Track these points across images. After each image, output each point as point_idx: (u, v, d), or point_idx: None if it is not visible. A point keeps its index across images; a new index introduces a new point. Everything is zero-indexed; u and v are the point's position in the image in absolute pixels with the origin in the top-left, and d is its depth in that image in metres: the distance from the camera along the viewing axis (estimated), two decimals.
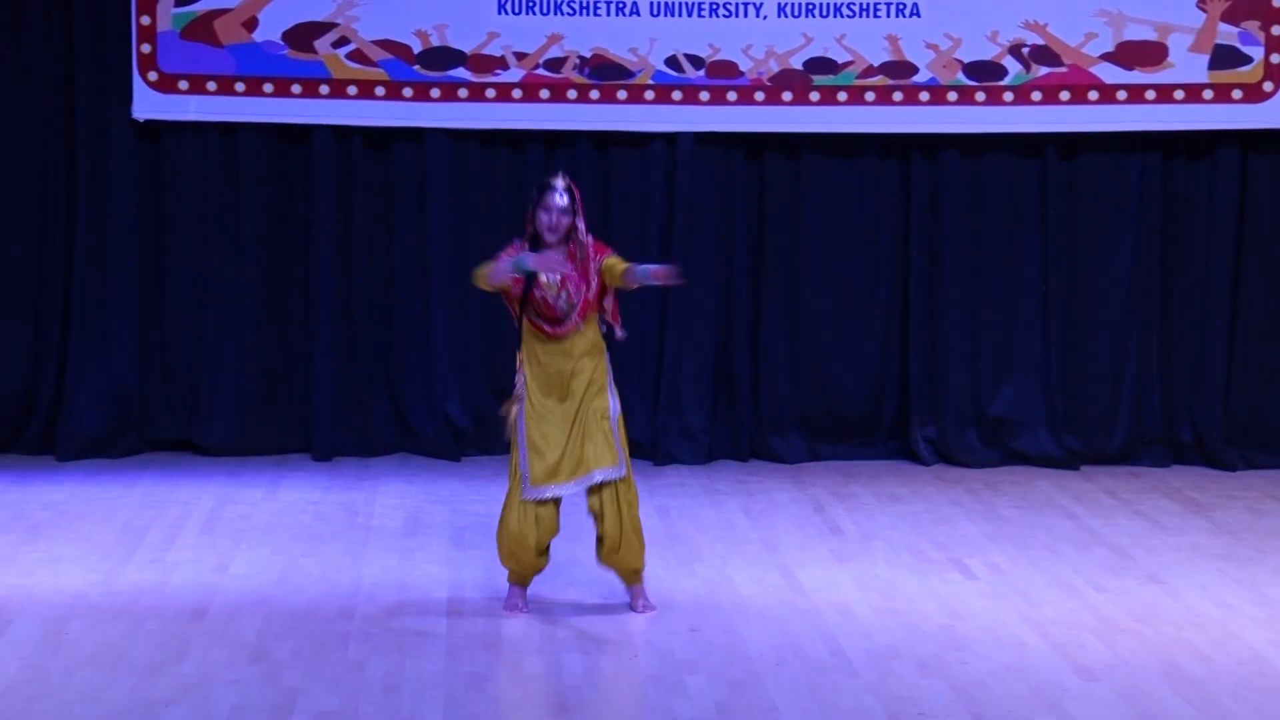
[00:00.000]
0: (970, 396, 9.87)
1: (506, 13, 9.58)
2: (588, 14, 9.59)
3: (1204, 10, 9.62)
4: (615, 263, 6.80)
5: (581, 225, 6.83)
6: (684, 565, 7.64)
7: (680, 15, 9.61)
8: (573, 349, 6.80)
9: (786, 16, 9.62)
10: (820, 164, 9.82)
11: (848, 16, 9.61)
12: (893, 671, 6.23)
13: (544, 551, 6.90)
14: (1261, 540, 8.21)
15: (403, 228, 9.78)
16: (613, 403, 6.87)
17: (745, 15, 9.62)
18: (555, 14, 9.58)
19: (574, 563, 7.62)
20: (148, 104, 9.52)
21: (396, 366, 9.84)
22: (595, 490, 6.81)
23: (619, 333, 6.93)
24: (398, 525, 8.30)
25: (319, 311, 9.69)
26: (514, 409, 6.80)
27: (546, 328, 6.80)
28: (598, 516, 6.85)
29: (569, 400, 6.79)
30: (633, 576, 6.95)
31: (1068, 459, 9.76)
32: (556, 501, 6.83)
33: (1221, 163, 9.78)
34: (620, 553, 6.85)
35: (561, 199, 6.78)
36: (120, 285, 9.64)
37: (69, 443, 9.56)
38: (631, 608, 6.91)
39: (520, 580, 6.93)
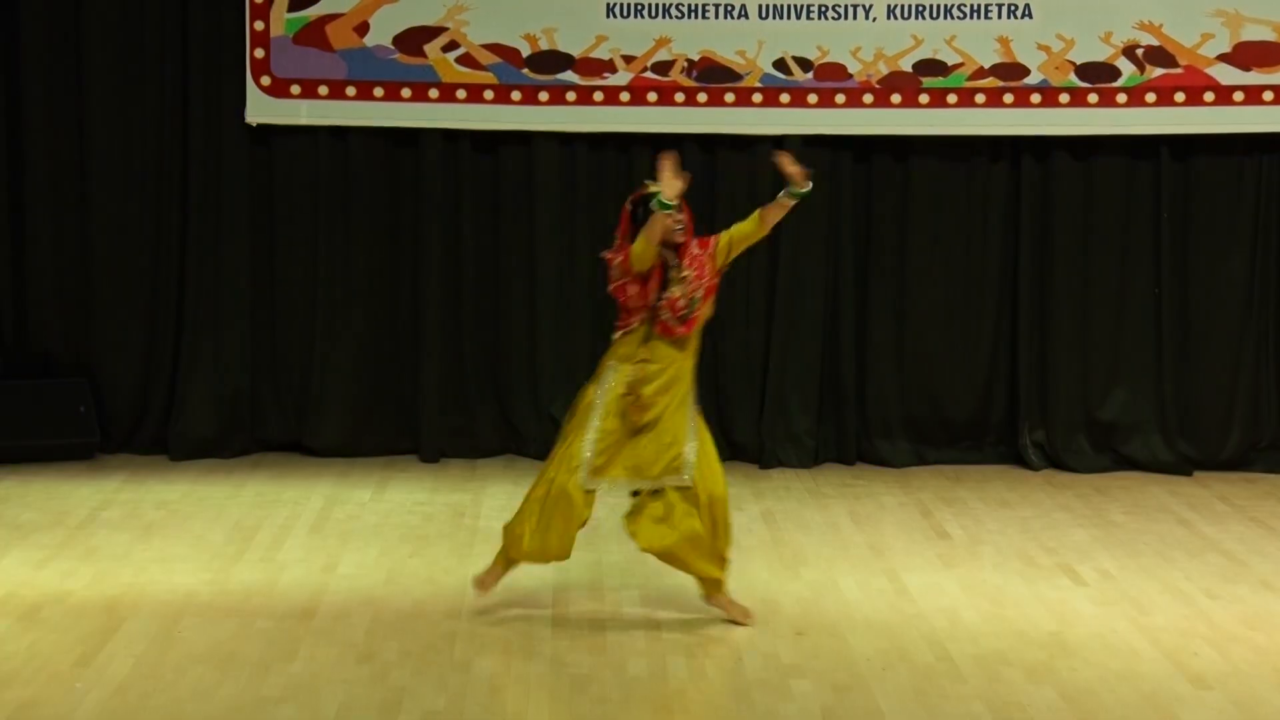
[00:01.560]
0: (1080, 401, 9.77)
1: (615, 16, 9.60)
2: (695, 17, 9.59)
3: None
4: (736, 228, 6.70)
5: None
6: (789, 569, 7.61)
7: (788, 18, 9.58)
8: (688, 348, 6.72)
9: (896, 18, 9.56)
10: (929, 167, 9.75)
11: (958, 18, 9.54)
12: (1000, 678, 6.18)
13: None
14: None
15: (509, 231, 9.82)
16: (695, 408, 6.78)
17: (854, 17, 9.57)
18: (663, 17, 9.59)
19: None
20: (260, 108, 9.62)
21: (502, 369, 9.88)
22: (660, 493, 6.68)
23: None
24: None
25: (426, 314, 9.76)
26: (633, 397, 6.69)
27: (678, 327, 6.66)
28: (651, 513, 6.69)
29: (666, 395, 6.67)
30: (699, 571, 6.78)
31: (1180, 464, 9.63)
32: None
33: None
34: (665, 551, 6.70)
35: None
36: (232, 287, 9.76)
37: (181, 443, 9.69)
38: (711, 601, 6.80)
39: (525, 561, 6.79)
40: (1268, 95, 9.51)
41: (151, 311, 9.81)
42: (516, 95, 9.63)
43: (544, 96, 9.62)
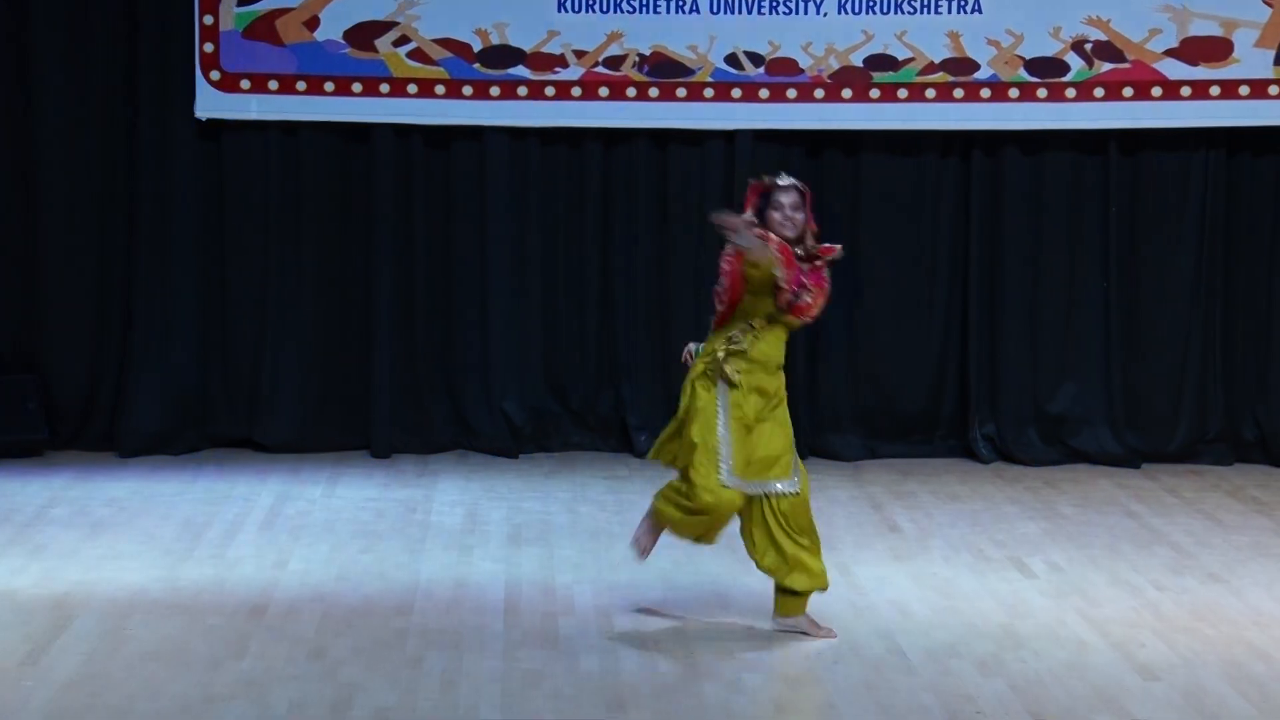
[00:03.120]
0: (1030, 394, 9.82)
1: (566, 11, 9.59)
2: (647, 12, 9.59)
3: (1270, 5, 9.53)
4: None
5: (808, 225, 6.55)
6: (742, 563, 7.62)
7: (740, 12, 9.59)
8: (784, 345, 6.60)
9: (847, 13, 9.59)
10: (880, 162, 9.78)
11: (908, 13, 9.57)
12: (951, 670, 6.20)
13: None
14: None
15: (462, 226, 9.81)
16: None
17: (805, 12, 9.59)
18: (615, 12, 9.59)
19: (630, 559, 7.63)
20: (210, 103, 9.58)
21: (455, 364, 9.87)
22: (769, 499, 6.50)
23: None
24: (456, 522, 8.33)
25: (378, 309, 9.74)
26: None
27: (797, 319, 6.51)
28: (761, 526, 6.52)
29: (770, 399, 6.54)
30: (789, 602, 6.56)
31: (1129, 457, 9.70)
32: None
33: None
34: (777, 568, 6.53)
35: (793, 194, 6.51)
36: (181, 283, 9.71)
37: (130, 439, 9.64)
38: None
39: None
40: (1215, 90, 9.57)
41: (100, 307, 9.76)
42: (468, 90, 9.61)
43: (495, 91, 9.61)
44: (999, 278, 9.81)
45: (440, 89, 9.61)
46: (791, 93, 9.62)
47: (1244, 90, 9.57)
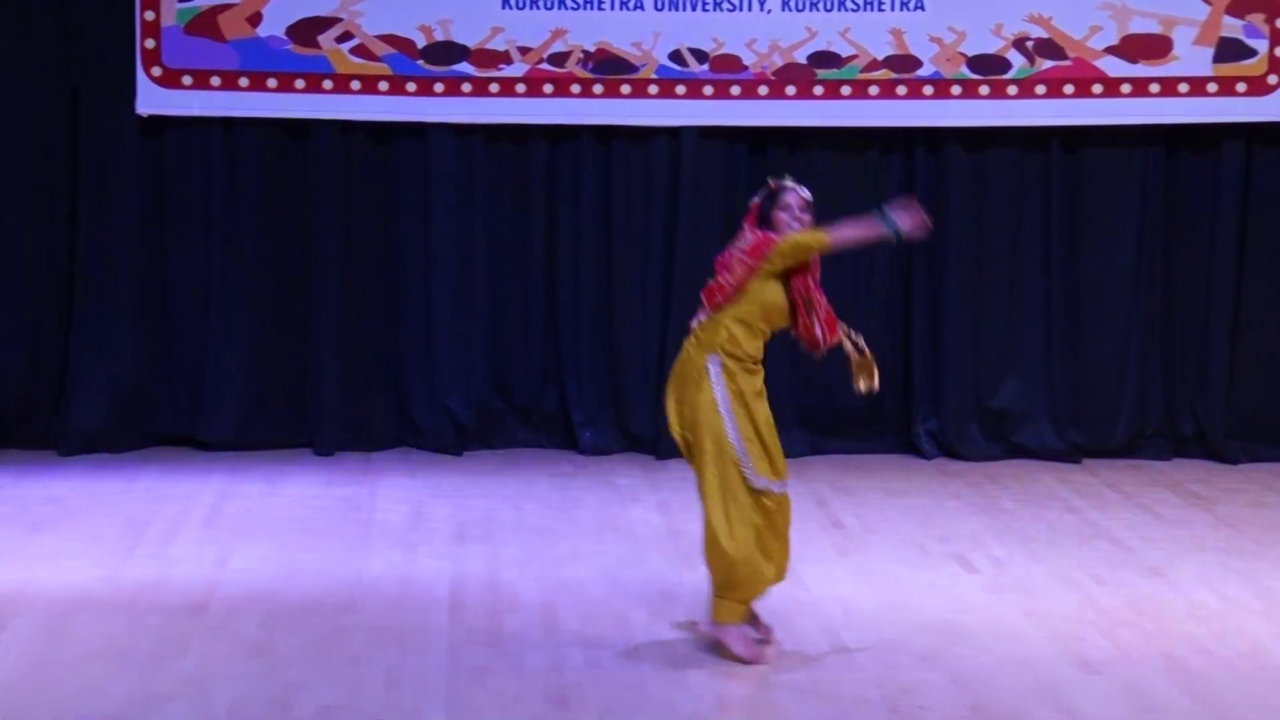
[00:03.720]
0: (972, 390, 9.87)
1: (510, 7, 9.58)
2: (591, 8, 9.59)
3: (1209, 3, 9.61)
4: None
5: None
6: (685, 560, 7.64)
7: (684, 9, 9.60)
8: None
9: (790, 10, 9.61)
10: (824, 158, 9.81)
11: (852, 10, 9.60)
12: (893, 665, 6.23)
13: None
14: (1262, 533, 8.21)
15: (406, 222, 9.79)
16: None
17: (749, 9, 9.61)
18: (559, 8, 9.58)
19: (574, 556, 7.64)
20: (151, 99, 9.53)
21: (398, 361, 9.85)
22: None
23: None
24: (399, 520, 8.31)
25: (321, 306, 9.70)
26: None
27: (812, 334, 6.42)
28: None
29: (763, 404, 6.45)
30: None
31: (1069, 452, 9.76)
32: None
33: (1225, 156, 9.77)
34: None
35: (799, 195, 6.47)
36: (123, 279, 9.65)
37: (71, 437, 9.58)
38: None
39: (746, 605, 6.28)
40: (1154, 87, 9.65)
41: (39, 303, 9.68)
42: (411, 86, 9.59)
43: (439, 88, 9.59)
44: (942, 273, 9.86)
45: (384, 85, 9.58)
46: (736, 89, 9.64)
47: (1183, 88, 9.65)
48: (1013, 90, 9.63)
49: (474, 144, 9.74)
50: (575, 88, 9.60)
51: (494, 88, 9.59)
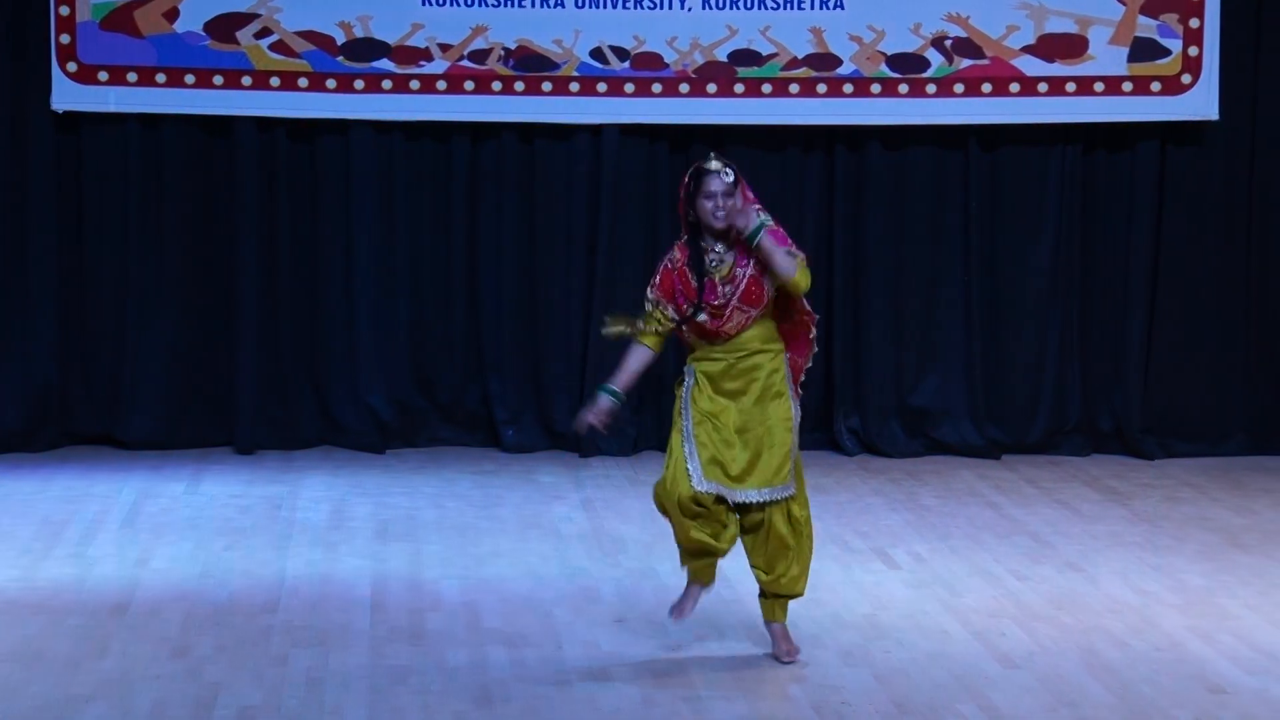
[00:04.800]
0: (893, 387, 9.93)
1: (431, 4, 9.55)
2: (512, 6, 9.57)
3: (1123, 3, 9.71)
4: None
5: (743, 204, 6.32)
6: (609, 557, 7.65)
7: (604, 7, 9.60)
8: (746, 344, 6.39)
9: (711, 8, 9.64)
10: (745, 156, 9.80)
11: (772, 8, 9.64)
12: (816, 660, 6.27)
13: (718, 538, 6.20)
14: (1178, 528, 8.31)
15: (327, 220, 9.74)
16: (794, 409, 6.38)
17: (670, 7, 9.63)
18: (479, 5, 9.56)
19: (497, 554, 7.63)
20: (67, 95, 9.43)
21: (320, 359, 9.80)
22: (760, 507, 6.24)
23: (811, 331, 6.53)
24: (321, 519, 8.27)
25: (242, 304, 9.64)
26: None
27: (710, 324, 6.31)
28: (756, 534, 6.30)
29: (745, 398, 6.33)
30: (781, 610, 6.31)
31: (989, 448, 9.84)
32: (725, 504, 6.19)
33: (1141, 154, 9.88)
34: (781, 579, 6.27)
35: (722, 180, 6.27)
36: (39, 278, 9.55)
37: None
38: (774, 655, 6.29)
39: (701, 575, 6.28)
40: (1071, 86, 9.74)
41: None
42: (331, 83, 9.54)
43: (360, 85, 9.54)
44: (862, 271, 9.91)
45: (303, 82, 9.53)
46: (657, 87, 9.65)
47: (1099, 87, 9.74)
48: (931, 89, 9.70)
49: (395, 141, 9.70)
50: (496, 85, 9.59)
51: (415, 85, 9.56)
